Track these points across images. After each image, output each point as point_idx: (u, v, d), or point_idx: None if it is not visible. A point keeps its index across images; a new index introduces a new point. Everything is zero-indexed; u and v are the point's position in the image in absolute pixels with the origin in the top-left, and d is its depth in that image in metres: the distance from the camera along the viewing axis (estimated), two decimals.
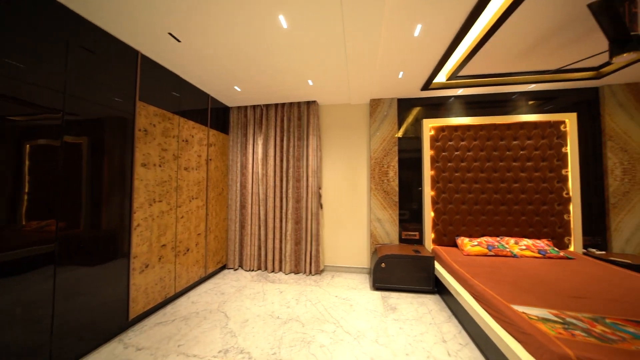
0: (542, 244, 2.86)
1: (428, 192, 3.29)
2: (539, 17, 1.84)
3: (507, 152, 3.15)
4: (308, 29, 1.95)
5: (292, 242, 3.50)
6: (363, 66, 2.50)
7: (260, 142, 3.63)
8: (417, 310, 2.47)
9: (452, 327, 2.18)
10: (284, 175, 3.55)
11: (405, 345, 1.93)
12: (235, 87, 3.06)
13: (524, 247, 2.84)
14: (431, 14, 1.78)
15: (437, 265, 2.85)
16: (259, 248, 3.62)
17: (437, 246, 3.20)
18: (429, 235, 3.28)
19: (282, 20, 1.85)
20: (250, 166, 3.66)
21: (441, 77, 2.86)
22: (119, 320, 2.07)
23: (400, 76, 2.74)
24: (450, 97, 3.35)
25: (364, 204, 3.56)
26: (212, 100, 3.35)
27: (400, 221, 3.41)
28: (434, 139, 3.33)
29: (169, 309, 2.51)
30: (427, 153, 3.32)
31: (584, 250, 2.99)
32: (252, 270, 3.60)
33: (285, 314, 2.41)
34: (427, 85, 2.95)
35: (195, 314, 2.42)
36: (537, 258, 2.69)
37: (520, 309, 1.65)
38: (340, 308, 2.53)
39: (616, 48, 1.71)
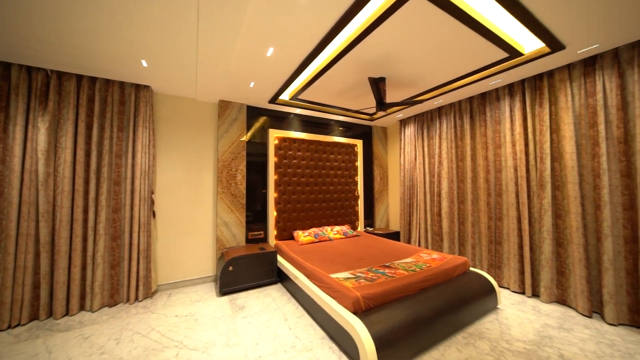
0: (345, 228, 4.13)
1: (272, 194, 3.71)
2: (347, 74, 2.71)
3: (327, 163, 4.24)
4: (152, 2, 1.62)
5: (105, 265, 2.63)
6: (215, 67, 2.42)
7: (43, 126, 2.41)
8: (263, 302, 2.73)
9: (291, 306, 2.63)
10: (93, 176, 2.60)
11: (255, 336, 2.11)
12: None
13: (336, 232, 3.95)
14: (283, 43, 2.10)
15: (279, 258, 3.28)
16: (36, 287, 2.38)
17: (279, 241, 3.68)
18: (272, 232, 3.69)
19: None
20: (17, 161, 2.32)
21: (285, 96, 3.36)
22: None
23: (251, 85, 2.91)
24: (291, 113, 3.99)
25: (210, 208, 3.38)
26: None
27: (247, 222, 3.57)
28: (277, 148, 3.81)
29: None
30: (272, 159, 3.73)
31: (365, 229, 4.65)
32: (19, 325, 2.30)
33: None
34: (274, 100, 3.34)
35: None
36: (343, 238, 3.85)
37: (334, 275, 2.34)
38: (183, 327, 2.26)
39: (377, 106, 2.90)
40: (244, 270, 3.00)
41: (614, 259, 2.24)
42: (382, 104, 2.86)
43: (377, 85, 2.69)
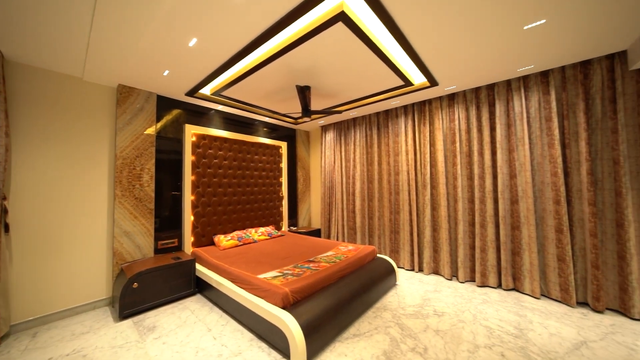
0: (270, 229, 4.15)
1: (189, 197, 3.35)
2: (276, 78, 2.77)
3: (252, 164, 4.15)
4: None
5: None
6: (117, 45, 2.02)
7: None
8: (180, 317, 2.45)
9: (214, 315, 2.47)
10: None
11: (173, 356, 1.89)
12: None
13: (260, 234, 3.92)
14: (210, 36, 1.97)
15: (198, 266, 3.00)
16: None
17: (196, 248, 3.35)
18: (188, 239, 3.33)
19: None
20: None
21: (207, 90, 3.10)
22: None
23: (165, 74, 2.56)
24: (212, 109, 3.70)
25: (103, 215, 2.73)
26: None
27: (156, 230, 3.09)
28: (195, 145, 3.46)
29: None
30: (189, 158, 3.37)
31: (289, 229, 4.79)
32: None
33: None
34: (192, 92, 3.03)
35: None
36: (268, 239, 3.86)
37: (262, 276, 2.36)
38: None
39: (303, 113, 3.10)
40: (153, 285, 2.59)
41: (463, 237, 3.20)
42: (307, 111, 3.07)
43: (304, 92, 2.88)
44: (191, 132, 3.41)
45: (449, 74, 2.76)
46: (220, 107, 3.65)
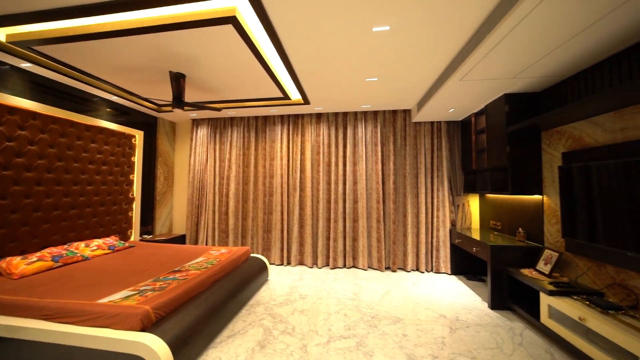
0: (111, 240, 3.22)
1: None
2: (142, 54, 2.26)
3: (84, 154, 3.06)
4: None
5: None
6: None
7: None
8: None
9: None
10: None
11: None
12: None
13: (95, 248, 2.96)
14: None
15: None
16: None
17: None
18: None
19: None
20: None
21: (1, 35, 2.01)
22: None
23: None
24: (6, 64, 2.40)
25: None
26: None
27: None
28: None
29: None
30: None
31: (140, 238, 3.89)
32: None
33: None
34: None
35: None
36: (108, 254, 2.98)
37: (106, 299, 1.86)
38: None
39: (174, 102, 2.71)
40: None
41: (322, 231, 3.95)
42: (179, 102, 2.71)
43: (178, 80, 2.53)
44: None
45: (318, 98, 3.38)
46: (26, 65, 2.46)
